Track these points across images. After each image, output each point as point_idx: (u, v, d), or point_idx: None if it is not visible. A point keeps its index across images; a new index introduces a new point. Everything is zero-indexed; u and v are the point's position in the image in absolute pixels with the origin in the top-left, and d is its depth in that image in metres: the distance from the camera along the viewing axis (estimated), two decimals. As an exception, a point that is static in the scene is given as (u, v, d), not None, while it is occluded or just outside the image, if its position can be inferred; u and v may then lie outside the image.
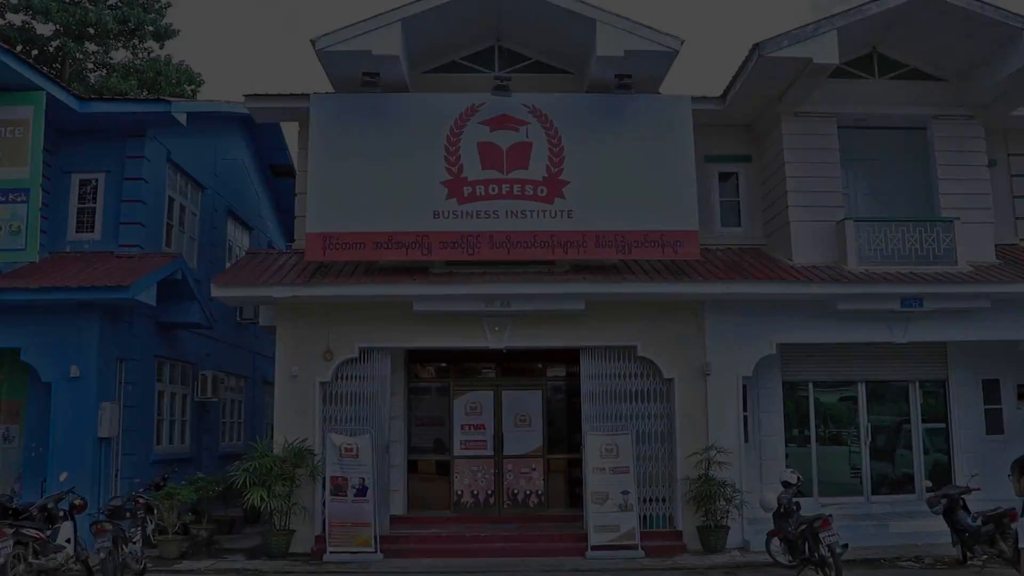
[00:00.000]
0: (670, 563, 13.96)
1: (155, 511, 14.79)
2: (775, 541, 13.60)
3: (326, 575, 13.41)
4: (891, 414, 17.49)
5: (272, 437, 15.29)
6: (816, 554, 12.42)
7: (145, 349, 17.00)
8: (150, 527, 15.01)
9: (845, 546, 12.33)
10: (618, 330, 15.44)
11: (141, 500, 15.17)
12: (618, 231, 15.03)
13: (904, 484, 17.14)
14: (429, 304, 14.85)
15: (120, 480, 15.98)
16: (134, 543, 12.89)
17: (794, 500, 13.31)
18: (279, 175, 24.12)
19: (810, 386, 17.08)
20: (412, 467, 16.99)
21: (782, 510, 13.18)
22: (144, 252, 16.82)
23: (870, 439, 17.04)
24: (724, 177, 17.75)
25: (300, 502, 14.67)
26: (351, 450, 14.41)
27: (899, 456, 17.34)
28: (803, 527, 12.66)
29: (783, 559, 13.42)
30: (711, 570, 13.60)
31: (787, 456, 16.40)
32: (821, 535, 12.24)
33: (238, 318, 20.89)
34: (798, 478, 13.59)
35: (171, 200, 18.51)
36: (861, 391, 17.15)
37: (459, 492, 16.75)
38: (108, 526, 12.09)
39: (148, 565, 13.44)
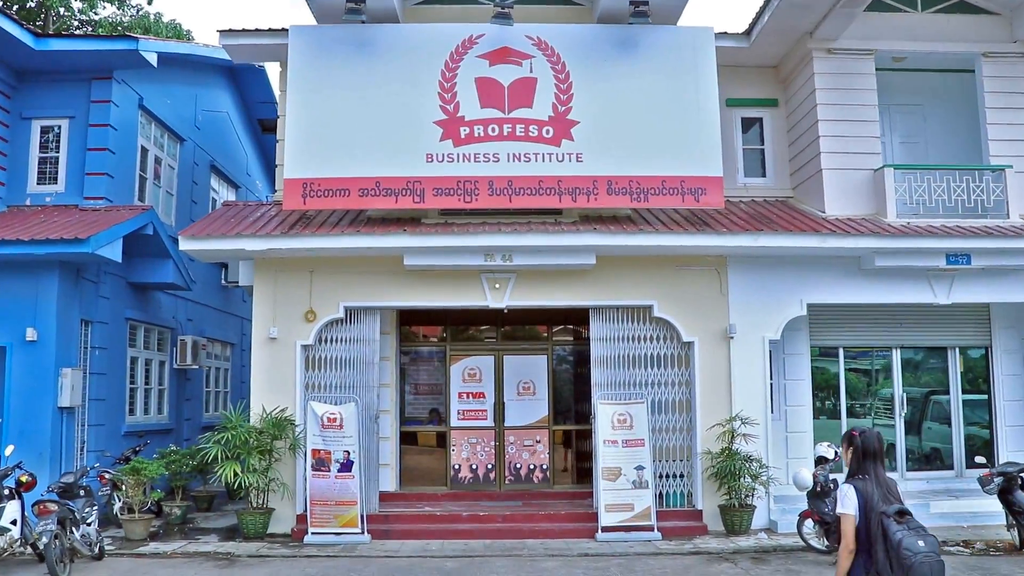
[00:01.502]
0: (690, 546, 12.25)
1: (123, 488, 13.09)
2: (808, 523, 11.96)
3: (305, 560, 11.70)
4: (927, 383, 15.71)
5: (249, 406, 13.54)
6: (859, 539, 10.70)
7: (115, 311, 15.27)
8: (117, 505, 13.41)
9: (893, 530, 10.63)
10: (632, 288, 13.67)
11: (106, 476, 13.61)
12: (633, 177, 13.21)
13: (932, 459, 15.46)
14: (421, 257, 13.07)
15: (87, 454, 14.36)
16: (88, 524, 11.24)
17: (832, 478, 11.59)
18: (267, 131, 22.31)
19: (840, 352, 15.29)
20: (404, 439, 15.26)
21: (818, 489, 11.47)
22: (112, 206, 15.05)
23: (904, 410, 15.25)
24: (747, 123, 15.92)
25: (279, 478, 12.98)
26: (334, 420, 12.67)
27: (933, 430, 15.56)
28: (844, 508, 10.93)
29: (818, 543, 11.80)
30: (736, 555, 11.88)
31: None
32: (866, 517, 10.51)
33: (223, 281, 19.15)
34: (835, 453, 11.87)
35: (144, 151, 16.74)
36: (895, 358, 15.38)
37: (456, 467, 15.03)
38: (53, 506, 10.44)
39: (106, 548, 11.83)
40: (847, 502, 5.14)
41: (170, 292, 17.33)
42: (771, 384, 14.15)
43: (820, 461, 11.80)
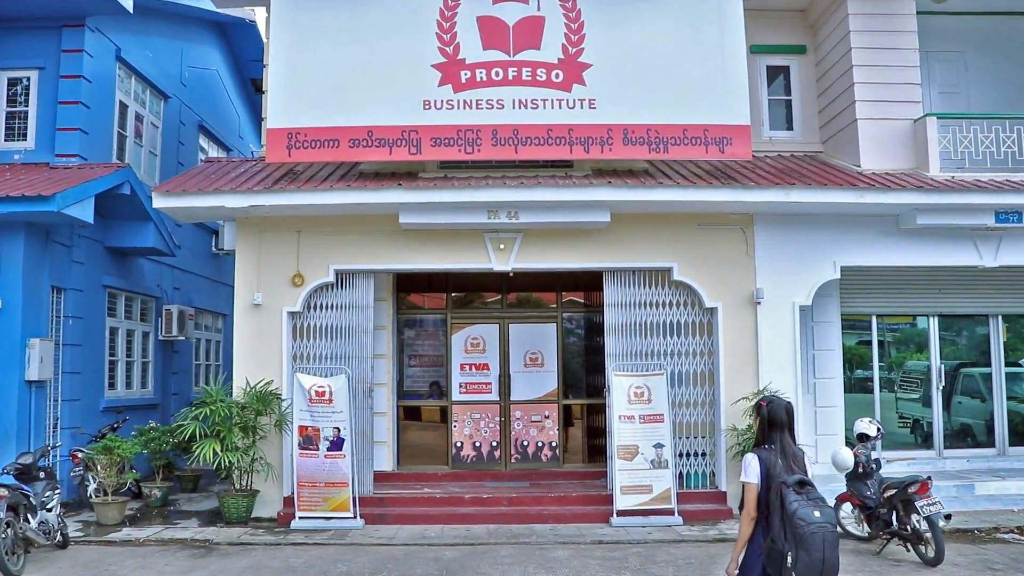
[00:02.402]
0: (715, 532, 10.95)
1: (97, 468, 11.82)
2: (846, 507, 10.66)
3: (289, 548, 10.42)
4: (965, 354, 14.34)
5: (231, 379, 12.25)
6: (908, 527, 9.43)
7: (90, 278, 13.95)
8: (91, 487, 12.15)
9: (948, 517, 9.39)
10: (650, 249, 12.31)
11: (79, 455, 12.35)
12: (651, 125, 11.76)
13: (963, 436, 14.15)
14: (418, 215, 11.71)
15: (60, 431, 13.10)
16: (49, 510, 9.95)
17: (874, 457, 10.26)
18: (261, 91, 20.77)
19: (873, 319, 13.90)
20: (402, 414, 13.96)
21: (860, 470, 10.13)
22: (86, 164, 13.68)
23: (942, 383, 13.88)
24: (773, 73, 14.46)
25: (264, 457, 11.70)
26: (323, 393, 11.36)
27: (964, 405, 14.19)
28: (891, 492, 9.64)
29: (856, 530, 10.54)
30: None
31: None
32: (918, 503, 9.24)
33: (214, 248, 17.88)
34: (878, 429, 10.52)
35: (123, 107, 15.34)
36: (932, 326, 13.97)
37: (458, 444, 13.71)
38: (3, 491, 9.09)
39: (74, 536, 10.64)
40: (749, 471, 5.15)
41: (153, 258, 16.01)
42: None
43: (861, 439, 10.46)
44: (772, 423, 5.23)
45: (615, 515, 11.36)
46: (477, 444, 13.71)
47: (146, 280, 15.93)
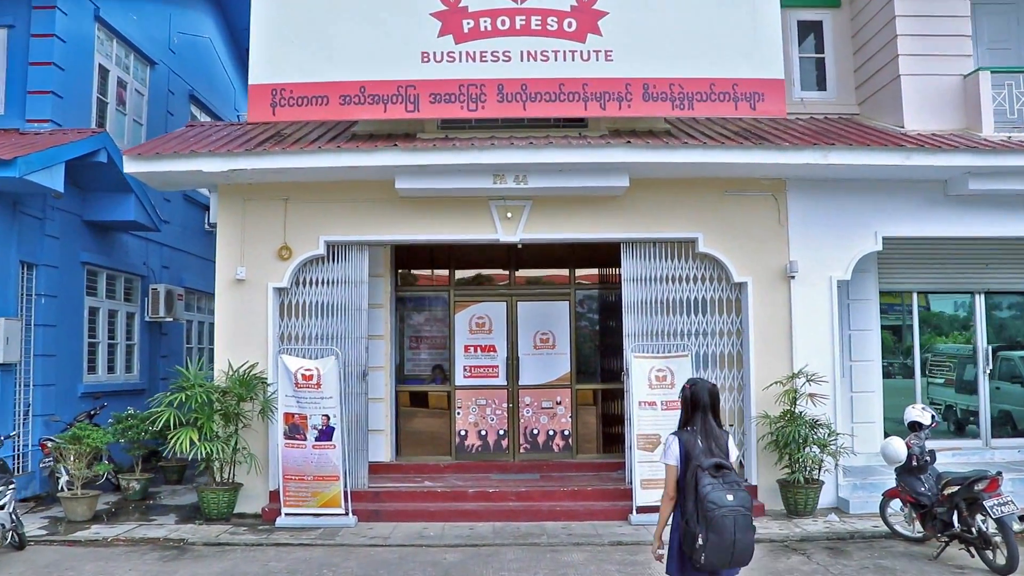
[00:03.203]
0: (747, 531, 9.64)
1: (71, 459, 10.63)
2: (894, 504, 9.43)
3: (272, 549, 9.22)
4: (993, 336, 12.96)
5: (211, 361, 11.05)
6: (972, 528, 8.15)
7: (67, 253, 12.75)
8: (63, 479, 10.97)
9: (1022, 519, 8.07)
10: (672, 218, 11.03)
11: (48, 445, 11.19)
12: (674, 80, 10.46)
13: (1002, 424, 12.78)
14: (417, 180, 10.44)
15: (32, 419, 11.94)
16: (1, 509, 8.75)
17: (929, 448, 8.96)
18: (257, 61, 19.55)
19: (914, 297, 12.57)
20: (402, 400, 12.71)
21: (914, 463, 8.83)
22: (59, 129, 12.46)
23: (988, 366, 12.55)
24: (804, 29, 13.13)
25: (247, 447, 10.48)
26: (310, 377, 10.12)
27: (1003, 390, 12.83)
28: (953, 490, 8.35)
29: (906, 530, 9.30)
30: (805, 544, 9.33)
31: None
32: (986, 503, 7.96)
33: (207, 224, 16.67)
34: (932, 417, 9.21)
35: (104, 71, 14.08)
36: (978, 304, 12.62)
37: (462, 433, 12.47)
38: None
39: (35, 535, 9.49)
40: (669, 453, 5.12)
41: (138, 235, 14.81)
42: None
43: (913, 427, 9.16)
44: (695, 405, 5.14)
45: (634, 512, 10.14)
46: (483, 433, 12.47)
47: (130, 257, 14.73)
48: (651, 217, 10.98)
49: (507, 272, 12.90)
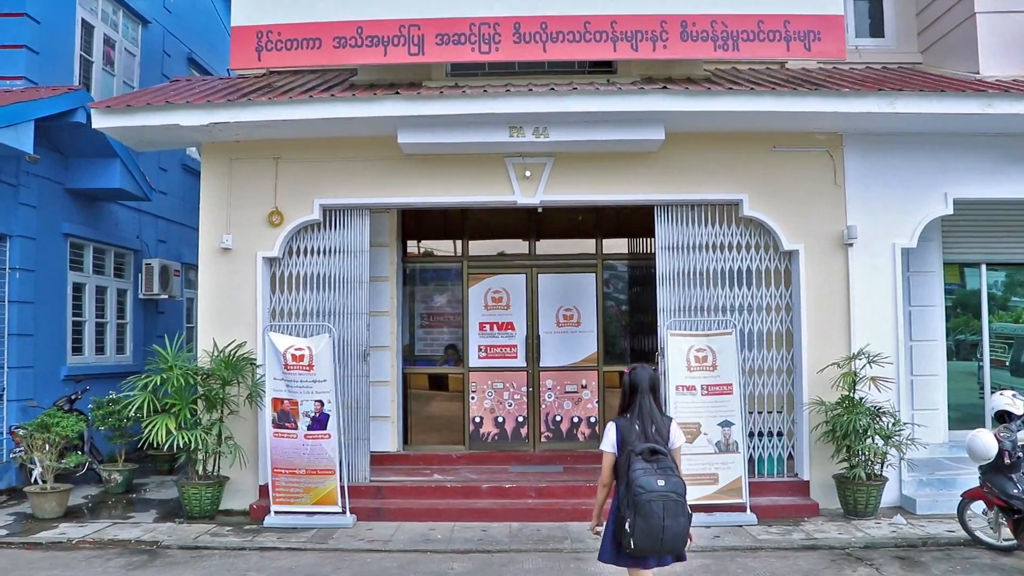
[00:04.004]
0: (800, 536, 8.29)
1: (40, 449, 9.41)
2: (975, 506, 8.06)
3: (255, 555, 7.93)
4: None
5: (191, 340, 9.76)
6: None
7: (46, 224, 11.49)
8: (36, 471, 9.72)
9: None
10: (713, 177, 9.60)
11: (19, 433, 9.97)
12: (716, 16, 9.03)
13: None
14: (422, 132, 9.06)
15: (6, 404, 10.68)
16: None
17: (1021, 443, 7.50)
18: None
19: (982, 269, 11.06)
20: (411, 383, 11.35)
21: (1006, 460, 7.37)
22: (33, 87, 11.19)
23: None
24: (858, -31, 11.57)
25: (233, 437, 9.21)
26: (301, 357, 8.81)
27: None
28: (1059, 490, 6.93)
29: (990, 537, 7.88)
30: (871, 552, 7.93)
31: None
32: (1103, 507, 6.51)
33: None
34: (1025, 406, 7.75)
35: (89, 27, 12.76)
36: (1051, 277, 11.13)
37: (477, 420, 11.12)
38: None
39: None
40: (606, 440, 5.00)
41: (129, 205, 13.56)
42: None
43: (1001, 418, 7.71)
44: (633, 390, 5.02)
45: (671, 511, 8.73)
46: (500, 419, 11.11)
47: (121, 230, 13.47)
48: (689, 176, 9.56)
49: (527, 243, 11.48)
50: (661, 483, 4.65)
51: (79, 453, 10.02)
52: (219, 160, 9.72)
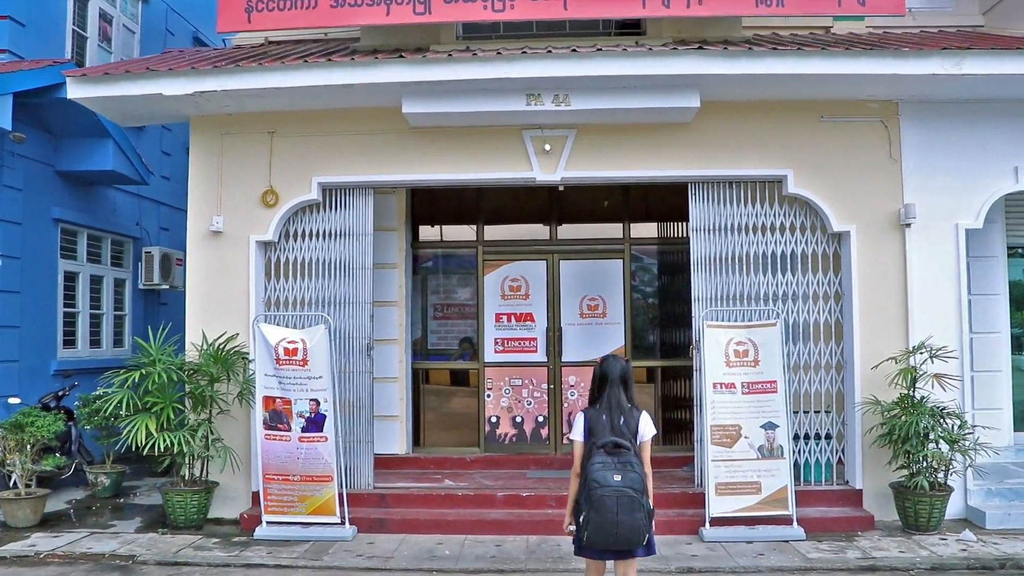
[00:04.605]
0: (856, 555, 7.24)
1: (24, 449, 8.54)
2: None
3: (239, 572, 6.97)
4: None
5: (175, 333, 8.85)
6: None
7: (34, 209, 10.64)
8: (16, 474, 8.83)
9: None
10: (754, 150, 8.54)
11: (-3, 433, 9.08)
12: (759, -32, 7.91)
13: None
14: (429, 101, 8.07)
15: (-12, 400, 9.82)
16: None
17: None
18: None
19: (1050, 255, 9.96)
20: (420, 379, 10.38)
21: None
22: (16, 60, 10.34)
23: None
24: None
25: (221, 438, 8.29)
26: (294, 351, 7.85)
27: None
28: None
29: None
30: (939, 574, 6.81)
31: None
32: None
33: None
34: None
35: (83, 0, 11.87)
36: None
37: (493, 419, 10.13)
38: None
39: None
40: (575, 430, 4.97)
41: (128, 190, 12.69)
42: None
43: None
44: (603, 381, 4.94)
45: (707, 524, 7.74)
46: (518, 419, 10.12)
47: (119, 216, 12.60)
48: (727, 150, 8.50)
49: (547, 228, 10.46)
50: (617, 478, 4.57)
51: (57, 455, 9.11)
52: (209, 135, 8.79)
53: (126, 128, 11.61)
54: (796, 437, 8.46)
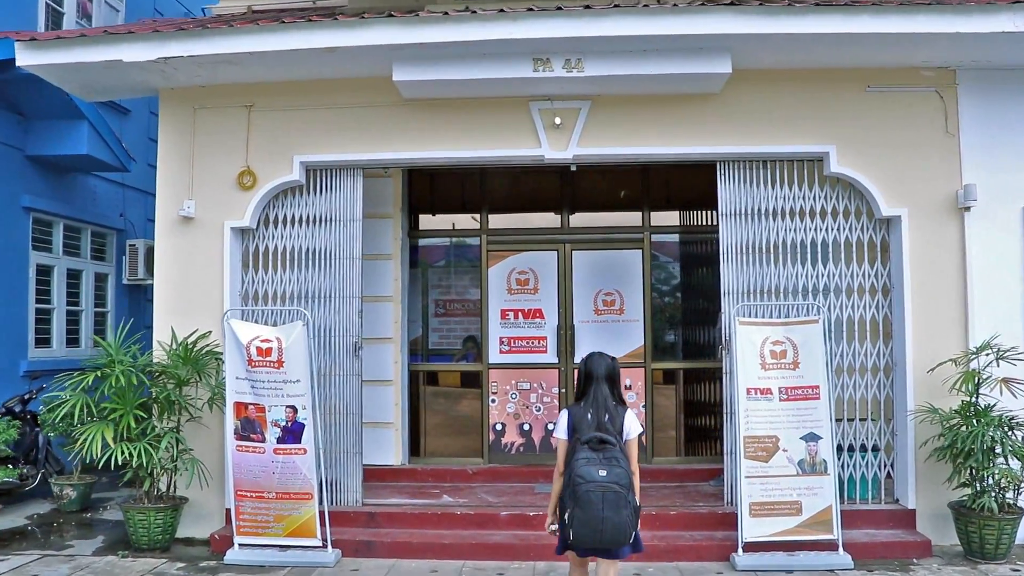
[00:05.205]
0: (916, 587, 6.15)
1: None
2: None
3: (200, 607, 5.99)
4: None
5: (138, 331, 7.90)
6: None
7: (2, 197, 9.69)
8: (-26, 485, 7.91)
9: None
10: (792, 124, 7.49)
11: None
12: (800, -88, 6.84)
13: None
14: (422, 67, 7.06)
15: (-48, 402, 8.91)
16: None
17: None
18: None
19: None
20: (419, 382, 9.37)
21: None
22: (-14, 35, 9.39)
23: None
24: None
25: (189, 449, 7.31)
26: (268, 351, 6.84)
27: None
28: None
29: None
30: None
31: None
32: None
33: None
34: None
35: (59, -28, 10.97)
36: None
37: (497, 427, 9.11)
38: None
39: None
40: (558, 427, 4.82)
41: (110, 178, 11.80)
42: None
43: None
44: (588, 377, 4.80)
45: (740, 550, 6.69)
46: (525, 427, 9.10)
47: (100, 206, 11.68)
48: (761, 124, 7.46)
49: (558, 216, 9.42)
50: (602, 473, 4.43)
51: (11, 466, 8.16)
52: (180, 110, 7.82)
53: (103, 110, 10.74)
54: (839, 449, 7.40)
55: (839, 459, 7.34)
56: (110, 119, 11.06)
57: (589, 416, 4.66)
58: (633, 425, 4.76)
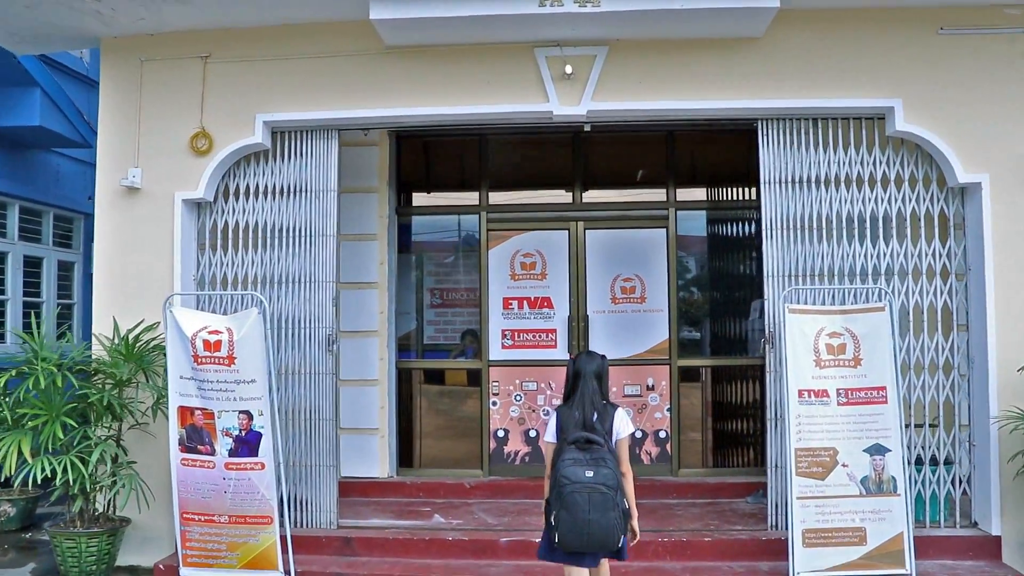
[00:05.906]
0: (1014, 636, 4.85)
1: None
2: None
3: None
4: None
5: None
6: None
7: (-57, 173, 8.54)
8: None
9: None
10: (848, 74, 6.22)
11: None
12: None
13: None
14: (406, 5, 5.79)
15: None
16: None
17: None
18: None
19: None
20: (411, 382, 8.12)
21: None
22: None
23: None
24: None
25: (127, 462, 6.10)
26: (216, 344, 5.60)
27: None
28: None
29: None
30: None
31: None
32: None
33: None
34: None
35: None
36: None
37: (499, 434, 7.86)
38: None
39: None
40: (547, 429, 4.64)
41: (76, 156, 10.61)
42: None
43: None
44: (577, 376, 4.54)
45: (792, 586, 5.42)
46: (531, 434, 7.83)
47: (63, 187, 10.49)
48: (810, 75, 6.18)
49: (570, 186, 8.13)
50: (589, 474, 4.17)
51: (-71, 482, 6.99)
52: (123, 62, 6.61)
53: (63, 79, 9.58)
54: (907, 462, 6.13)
55: (907, 473, 6.06)
56: (72, 90, 9.89)
57: (577, 415, 4.42)
58: (623, 425, 4.48)
